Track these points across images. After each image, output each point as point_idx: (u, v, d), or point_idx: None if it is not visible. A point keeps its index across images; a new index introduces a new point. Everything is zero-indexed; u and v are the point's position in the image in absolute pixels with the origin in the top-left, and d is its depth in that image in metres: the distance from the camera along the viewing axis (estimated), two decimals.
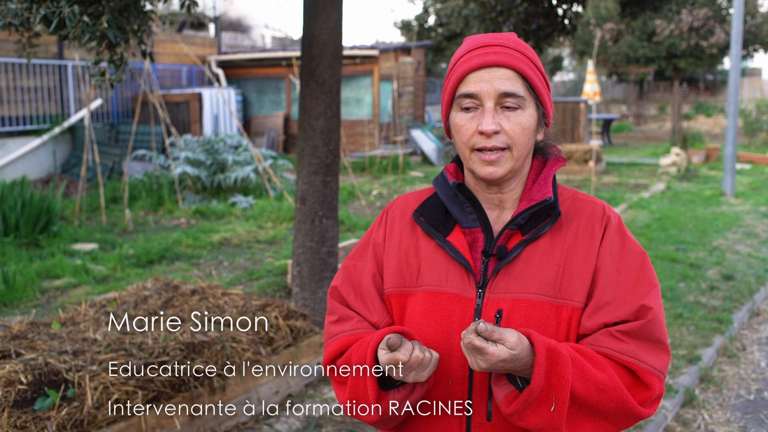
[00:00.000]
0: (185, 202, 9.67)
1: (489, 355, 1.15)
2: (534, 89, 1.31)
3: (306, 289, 4.55)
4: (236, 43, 26.04)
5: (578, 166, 13.06)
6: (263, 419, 3.56)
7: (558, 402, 1.19)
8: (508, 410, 1.22)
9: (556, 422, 1.20)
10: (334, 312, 1.44)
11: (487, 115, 1.27)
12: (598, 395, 1.22)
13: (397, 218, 1.44)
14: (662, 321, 1.30)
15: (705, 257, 6.88)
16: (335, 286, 1.46)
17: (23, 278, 5.80)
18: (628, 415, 1.24)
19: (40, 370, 2.94)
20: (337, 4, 4.33)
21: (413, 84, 17.87)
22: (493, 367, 1.18)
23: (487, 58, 1.29)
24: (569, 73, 39.56)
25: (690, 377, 4.16)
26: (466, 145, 1.31)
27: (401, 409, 1.29)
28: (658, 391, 1.26)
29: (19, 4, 2.82)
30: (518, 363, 1.18)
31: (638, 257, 1.33)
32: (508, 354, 1.16)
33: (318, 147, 4.41)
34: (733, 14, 10.86)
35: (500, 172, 1.30)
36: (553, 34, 6.00)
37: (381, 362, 1.23)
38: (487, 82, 1.28)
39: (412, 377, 1.22)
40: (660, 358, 1.28)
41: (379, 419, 1.30)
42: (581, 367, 1.22)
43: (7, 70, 11.79)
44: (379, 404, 1.27)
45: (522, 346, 1.18)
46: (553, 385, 1.19)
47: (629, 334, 1.26)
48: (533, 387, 1.18)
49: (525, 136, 1.30)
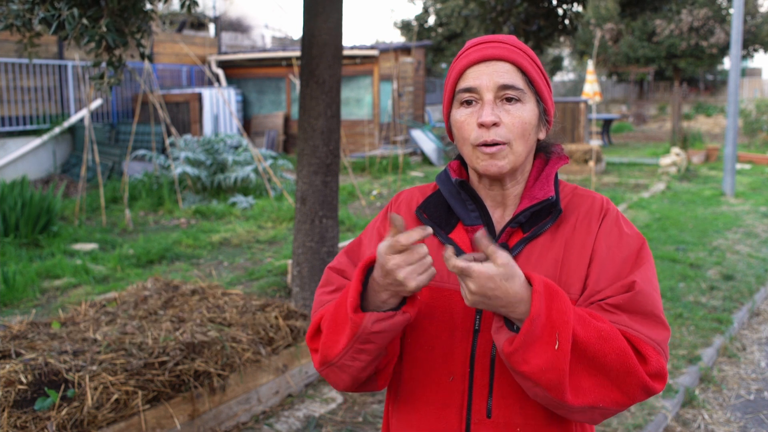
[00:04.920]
0: (185, 202, 9.67)
1: (475, 274, 1.10)
2: (533, 84, 1.31)
3: (306, 289, 4.55)
4: (236, 43, 26.04)
5: (578, 166, 13.07)
6: (263, 419, 3.56)
7: (561, 340, 1.13)
8: (510, 349, 1.15)
9: (560, 362, 1.13)
10: (330, 283, 1.38)
11: (487, 107, 1.27)
12: (600, 343, 1.16)
13: (402, 211, 1.44)
14: (653, 295, 1.25)
15: (705, 257, 6.88)
16: (334, 265, 1.41)
17: (23, 278, 5.80)
18: (632, 375, 1.17)
19: (40, 370, 2.94)
20: (337, 4, 4.33)
21: (413, 84, 17.88)
22: (484, 292, 1.12)
23: (485, 52, 1.30)
24: (569, 73, 39.58)
25: (690, 377, 4.16)
26: (467, 141, 1.30)
27: (377, 328, 1.20)
28: (655, 364, 1.20)
29: (20, 5, 2.82)
30: (511, 291, 1.12)
31: (635, 244, 1.31)
32: (496, 271, 1.10)
33: (318, 147, 4.41)
34: (733, 14, 10.86)
35: (500, 165, 1.29)
36: (553, 35, 6.00)
37: (379, 250, 1.15)
38: (486, 75, 1.28)
39: (405, 274, 1.14)
40: (656, 330, 1.23)
41: (350, 341, 1.22)
42: (581, 314, 1.18)
43: (7, 70, 11.79)
44: (356, 313, 1.20)
45: (512, 267, 1.12)
46: (555, 322, 1.13)
47: (619, 307, 1.23)
48: (533, 315, 1.12)
49: (525, 131, 1.29)
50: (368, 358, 1.26)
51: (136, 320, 3.67)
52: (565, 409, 1.20)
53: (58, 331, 3.54)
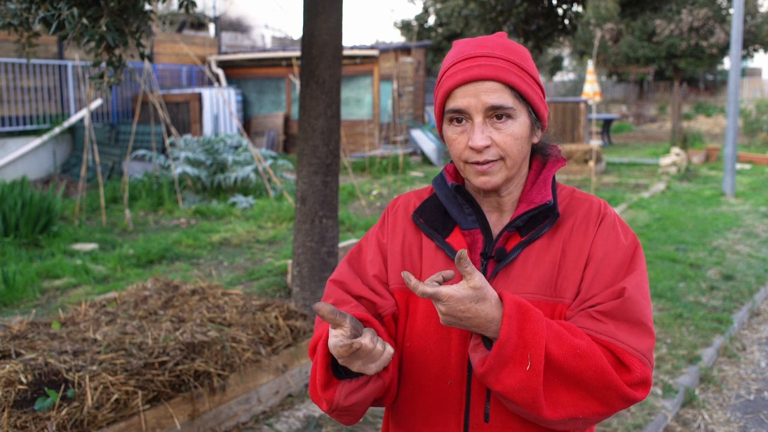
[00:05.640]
0: (185, 202, 9.67)
1: (444, 298, 1.12)
2: (524, 97, 1.29)
3: (306, 289, 4.55)
4: (236, 43, 26.04)
5: (578, 166, 13.06)
6: (263, 419, 3.56)
7: (533, 360, 1.14)
8: (482, 370, 1.17)
9: (534, 382, 1.15)
10: (330, 296, 1.40)
11: (477, 130, 1.26)
12: (576, 361, 1.17)
13: (400, 216, 1.43)
14: (642, 303, 1.25)
15: (705, 257, 6.88)
16: (335, 278, 1.43)
17: (23, 278, 5.80)
18: (611, 389, 1.18)
19: (40, 370, 2.94)
20: (337, 4, 4.33)
21: (413, 84, 17.88)
22: (454, 314, 1.13)
23: (472, 72, 1.27)
24: (569, 73, 39.58)
25: (690, 377, 4.16)
26: (459, 158, 1.31)
27: (350, 401, 1.23)
28: (640, 374, 1.20)
29: (18, 4, 2.82)
30: (482, 312, 1.13)
31: (630, 250, 1.31)
32: (465, 294, 1.11)
33: (318, 147, 4.41)
34: (733, 14, 10.86)
35: (494, 181, 1.29)
36: (553, 34, 6.00)
37: (329, 345, 1.17)
38: (473, 97, 1.26)
39: (357, 367, 1.17)
40: (641, 339, 1.23)
41: (330, 408, 1.25)
42: (557, 331, 1.18)
43: (7, 70, 11.80)
44: (326, 390, 1.23)
45: (483, 290, 1.14)
46: (528, 342, 1.14)
47: (607, 314, 1.23)
48: (503, 338, 1.13)
49: (517, 146, 1.28)
50: (353, 417, 1.29)
51: (136, 320, 3.67)
52: (545, 423, 1.21)
53: (58, 331, 3.54)
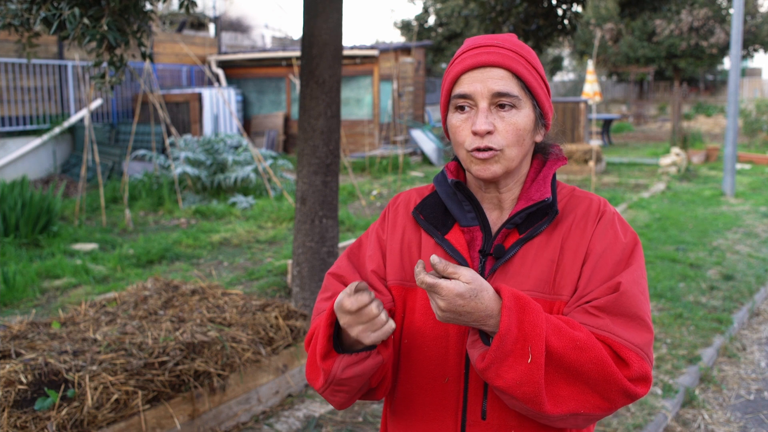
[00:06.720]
0: (185, 202, 9.67)
1: (444, 291, 1.12)
2: (530, 89, 1.30)
3: (306, 289, 4.55)
4: (236, 43, 26.04)
5: (578, 166, 13.07)
6: (263, 419, 3.56)
7: (534, 353, 1.14)
8: (482, 365, 1.17)
9: (535, 376, 1.14)
10: (328, 289, 1.40)
11: (481, 115, 1.27)
12: (576, 353, 1.16)
13: (400, 213, 1.44)
14: (639, 297, 1.25)
15: (705, 257, 6.88)
16: (333, 271, 1.43)
17: (23, 278, 5.80)
18: (611, 382, 1.17)
19: (40, 370, 2.94)
20: (337, 4, 4.33)
21: (413, 84, 17.87)
22: (453, 309, 1.14)
23: (480, 58, 1.29)
24: (569, 73, 39.56)
25: (690, 377, 4.16)
26: (461, 146, 1.31)
27: (347, 374, 1.23)
28: (638, 368, 1.19)
29: (19, 4, 2.82)
30: (481, 306, 1.14)
31: (628, 247, 1.30)
32: (465, 288, 1.12)
33: (318, 147, 4.41)
34: (733, 14, 10.86)
35: (493, 170, 1.29)
36: (552, 34, 6.00)
37: (336, 304, 1.18)
38: (480, 82, 1.27)
39: (357, 332, 1.17)
40: (638, 334, 1.22)
41: (326, 380, 1.25)
42: (555, 324, 1.18)
43: (7, 70, 11.79)
44: (325, 360, 1.23)
45: (480, 283, 1.14)
46: (528, 335, 1.14)
47: (603, 309, 1.23)
48: (503, 331, 1.13)
49: (519, 137, 1.29)
50: (347, 395, 1.29)
51: (136, 320, 3.67)
52: (546, 419, 1.21)
53: (58, 331, 3.54)
